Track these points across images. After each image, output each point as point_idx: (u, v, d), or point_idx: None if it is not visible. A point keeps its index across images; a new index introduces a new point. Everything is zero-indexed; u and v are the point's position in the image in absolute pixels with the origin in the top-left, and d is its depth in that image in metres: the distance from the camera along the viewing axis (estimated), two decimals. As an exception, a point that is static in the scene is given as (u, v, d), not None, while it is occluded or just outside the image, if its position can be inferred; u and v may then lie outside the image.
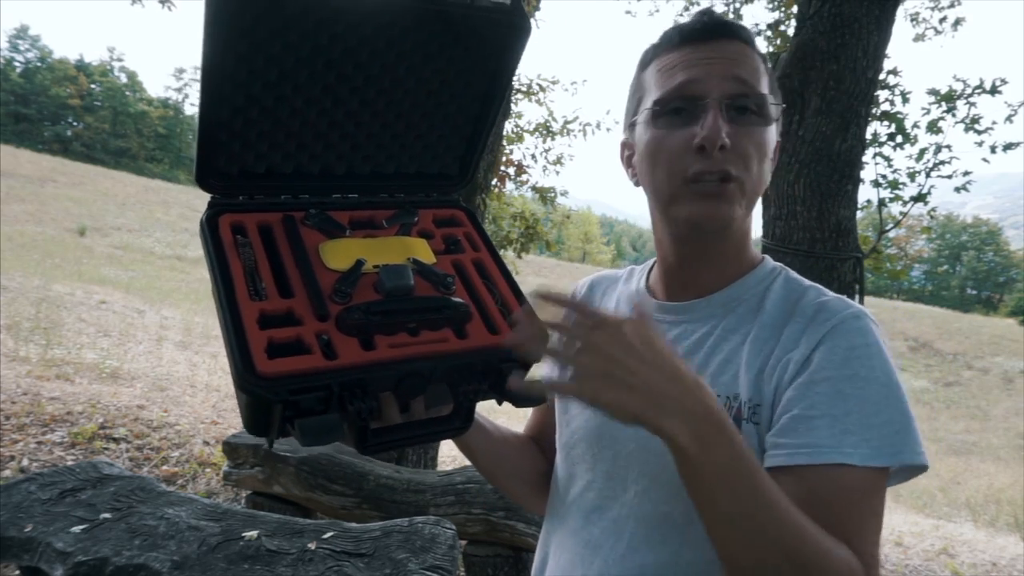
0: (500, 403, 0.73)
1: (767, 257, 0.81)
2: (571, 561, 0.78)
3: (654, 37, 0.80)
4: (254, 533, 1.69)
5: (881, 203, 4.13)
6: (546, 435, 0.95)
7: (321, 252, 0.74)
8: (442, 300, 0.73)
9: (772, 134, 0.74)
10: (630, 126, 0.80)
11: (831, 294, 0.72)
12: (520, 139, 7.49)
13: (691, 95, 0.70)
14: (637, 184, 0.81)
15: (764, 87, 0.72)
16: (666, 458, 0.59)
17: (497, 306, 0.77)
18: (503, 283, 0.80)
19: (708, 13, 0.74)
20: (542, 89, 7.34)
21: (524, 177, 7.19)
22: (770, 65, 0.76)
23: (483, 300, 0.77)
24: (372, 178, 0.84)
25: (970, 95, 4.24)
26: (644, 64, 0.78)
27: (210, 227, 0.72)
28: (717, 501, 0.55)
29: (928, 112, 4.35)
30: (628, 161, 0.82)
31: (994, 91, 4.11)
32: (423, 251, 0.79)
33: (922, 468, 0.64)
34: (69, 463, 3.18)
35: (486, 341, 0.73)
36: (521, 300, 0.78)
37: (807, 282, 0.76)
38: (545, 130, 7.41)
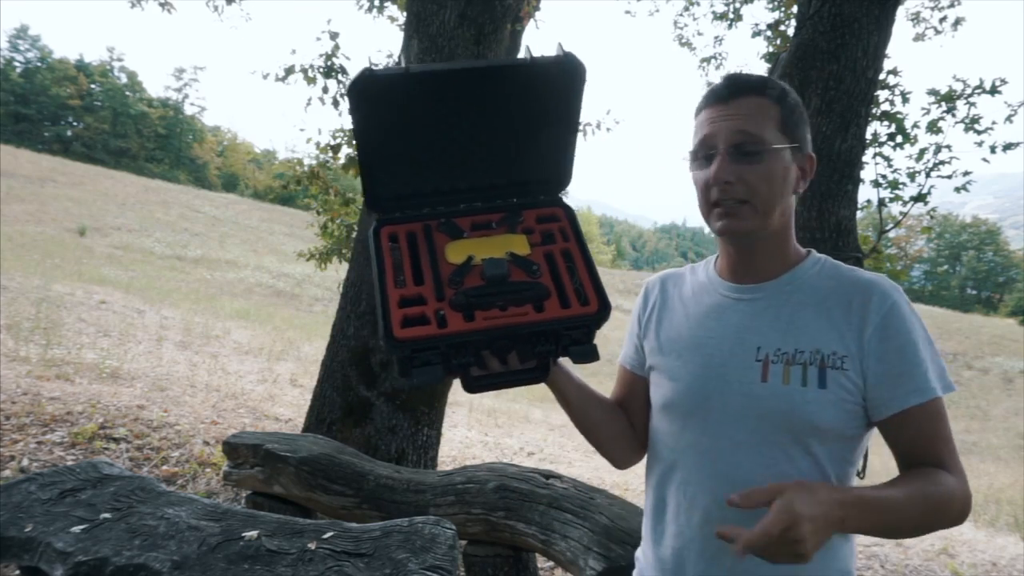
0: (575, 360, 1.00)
1: (812, 250, 1.06)
2: (699, 492, 1.01)
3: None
4: (254, 533, 1.69)
5: (881, 203, 4.14)
6: (632, 401, 1.18)
7: (446, 250, 1.03)
8: (526, 284, 0.99)
9: (777, 163, 0.97)
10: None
11: (869, 272, 0.99)
12: (520, 139, 7.46)
13: (709, 146, 0.99)
14: None
15: (767, 132, 0.96)
16: (769, 402, 0.95)
17: (574, 286, 1.01)
18: (583, 268, 1.03)
19: (732, 77, 1.00)
20: (542, 89, 7.31)
21: (524, 177, 7.17)
22: (791, 103, 0.99)
23: (562, 282, 1.01)
24: (489, 189, 1.12)
25: (970, 95, 4.25)
26: (696, 112, 1.06)
27: (375, 237, 1.03)
28: (879, 530, 0.87)
29: (928, 112, 4.36)
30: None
31: (994, 91, 4.12)
32: (520, 245, 1.04)
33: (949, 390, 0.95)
34: (69, 463, 3.18)
35: (558, 314, 0.97)
36: (596, 281, 1.01)
37: (844, 265, 1.03)
38: (545, 130, 7.39)
